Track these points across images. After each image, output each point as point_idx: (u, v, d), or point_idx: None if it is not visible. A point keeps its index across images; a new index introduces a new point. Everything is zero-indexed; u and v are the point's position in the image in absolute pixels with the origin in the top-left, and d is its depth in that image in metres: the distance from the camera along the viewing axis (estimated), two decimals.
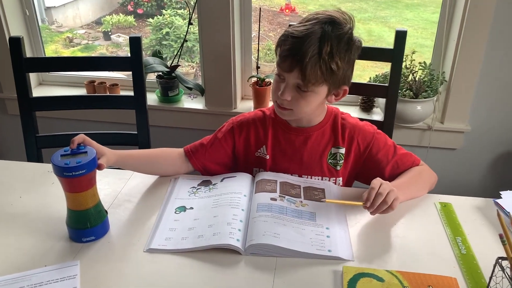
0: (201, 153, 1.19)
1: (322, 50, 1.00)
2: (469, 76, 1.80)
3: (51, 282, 0.85)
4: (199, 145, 1.20)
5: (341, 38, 1.02)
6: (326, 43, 1.00)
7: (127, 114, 1.53)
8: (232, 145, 1.20)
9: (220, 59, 1.92)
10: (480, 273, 0.88)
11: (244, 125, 1.20)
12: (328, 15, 1.04)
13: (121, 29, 2.77)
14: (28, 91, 1.42)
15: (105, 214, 0.99)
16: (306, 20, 1.05)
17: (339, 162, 1.17)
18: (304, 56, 1.00)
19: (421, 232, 1.00)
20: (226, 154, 1.20)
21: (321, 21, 1.03)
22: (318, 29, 1.01)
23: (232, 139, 1.19)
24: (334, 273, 0.88)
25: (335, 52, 1.01)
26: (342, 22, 1.04)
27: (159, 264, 0.90)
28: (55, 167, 0.89)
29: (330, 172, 1.17)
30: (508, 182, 2.01)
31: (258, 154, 1.19)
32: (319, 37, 1.01)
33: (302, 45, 1.00)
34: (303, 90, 1.05)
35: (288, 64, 1.03)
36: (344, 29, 1.03)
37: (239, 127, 1.19)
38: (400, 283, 0.85)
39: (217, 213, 1.01)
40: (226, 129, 1.21)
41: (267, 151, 1.18)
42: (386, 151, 1.15)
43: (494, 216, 1.04)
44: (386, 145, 1.16)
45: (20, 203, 1.08)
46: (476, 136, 1.93)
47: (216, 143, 1.19)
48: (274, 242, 0.92)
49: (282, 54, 1.04)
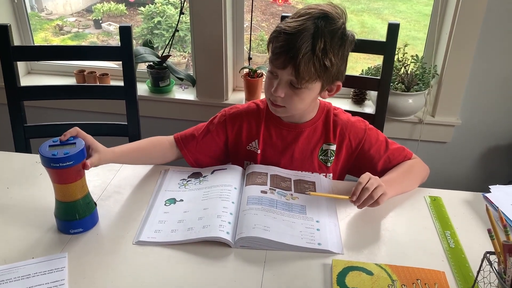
0: (192, 145, 1.18)
1: (315, 47, 0.99)
2: (461, 70, 1.81)
3: (38, 274, 0.84)
4: (190, 137, 1.18)
5: (334, 33, 1.01)
6: (319, 39, 0.99)
7: (117, 104, 1.51)
8: (224, 139, 1.19)
9: (212, 49, 1.90)
10: (468, 267, 0.89)
11: (237, 118, 1.18)
12: (320, 9, 1.02)
13: (112, 18, 2.73)
14: (16, 80, 1.40)
15: (94, 206, 0.98)
16: (298, 15, 1.03)
17: (330, 158, 1.17)
18: (297, 53, 0.98)
19: (411, 226, 1.01)
20: (218, 147, 1.19)
21: (313, 16, 1.01)
22: (311, 24, 1.00)
23: (225, 133, 1.18)
24: (323, 266, 0.88)
25: (329, 48, 1.00)
26: (335, 17, 1.03)
27: (149, 257, 0.90)
28: (42, 158, 0.87)
29: (320, 168, 1.17)
30: (497, 176, 2.03)
31: (249, 148, 1.18)
32: (312, 33, 0.99)
33: (295, 42, 0.99)
34: (297, 87, 1.04)
35: (282, 61, 1.01)
36: (337, 24, 1.02)
37: (232, 120, 1.18)
38: (389, 276, 0.85)
39: (207, 206, 1.01)
40: (218, 121, 1.19)
41: (258, 146, 1.17)
42: (378, 146, 1.15)
43: (483, 210, 1.05)
44: (378, 140, 1.16)
45: (7, 194, 1.07)
46: (466, 130, 1.95)
47: (208, 136, 1.18)
48: (264, 235, 0.91)
49: (275, 51, 1.03)
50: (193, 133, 1.19)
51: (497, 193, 1.07)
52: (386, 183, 1.02)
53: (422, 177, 1.16)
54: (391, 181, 1.06)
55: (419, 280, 0.85)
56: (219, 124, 1.18)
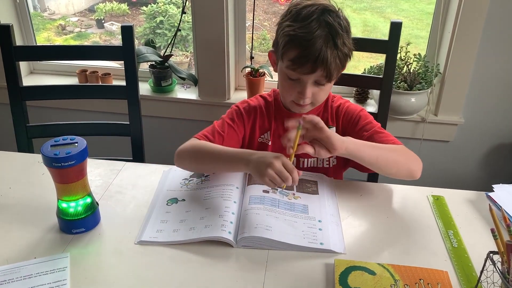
0: (218, 142, 1.14)
1: (337, 43, 1.01)
2: (464, 69, 1.80)
3: (40, 274, 0.84)
4: (217, 134, 1.14)
5: (341, 23, 1.03)
6: (337, 35, 1.01)
7: (119, 104, 1.51)
8: (243, 132, 1.20)
9: (214, 49, 1.90)
10: (471, 267, 0.88)
11: (252, 111, 1.20)
12: (319, 5, 1.03)
13: (114, 17, 2.73)
14: (18, 80, 1.40)
15: (96, 206, 0.98)
16: (301, 17, 1.02)
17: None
18: (325, 56, 0.99)
19: (413, 225, 1.00)
20: (238, 140, 1.19)
21: (319, 15, 1.01)
22: (322, 23, 1.00)
23: (243, 126, 1.19)
24: (325, 266, 0.88)
25: (345, 38, 1.03)
26: (332, 6, 1.04)
27: (150, 257, 0.89)
28: (44, 157, 0.87)
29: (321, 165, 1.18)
30: (500, 175, 2.02)
31: (261, 139, 1.20)
32: (328, 32, 1.00)
33: (318, 46, 0.99)
34: (323, 84, 1.05)
35: (309, 68, 1.01)
36: (339, 13, 1.04)
37: (247, 114, 1.19)
38: (391, 276, 0.85)
39: (209, 205, 1.01)
40: (236, 115, 1.19)
41: (270, 137, 1.20)
42: (366, 126, 1.15)
43: (486, 210, 1.04)
44: (369, 123, 1.16)
45: (10, 194, 1.07)
46: (469, 129, 1.94)
47: (230, 130, 1.17)
48: (266, 235, 0.91)
49: (297, 60, 1.01)
50: (217, 130, 1.15)
51: (500, 192, 1.06)
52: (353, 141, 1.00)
53: (407, 163, 1.08)
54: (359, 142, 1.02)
55: (422, 280, 0.84)
56: (238, 118, 1.18)
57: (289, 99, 1.11)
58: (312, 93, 1.06)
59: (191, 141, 1.12)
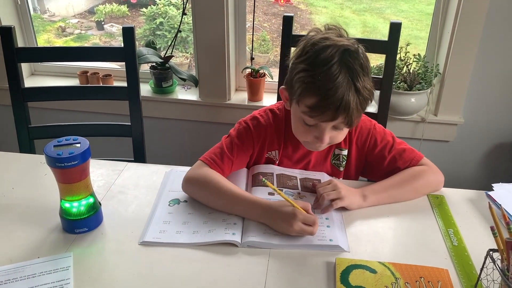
0: (227, 166, 1.10)
1: (358, 89, 0.95)
2: (463, 69, 1.81)
3: (44, 274, 0.85)
4: (226, 158, 1.09)
5: (362, 63, 0.97)
6: (358, 80, 0.95)
7: (120, 105, 1.52)
8: (252, 150, 1.14)
9: (214, 50, 1.91)
10: (472, 265, 0.89)
11: (262, 131, 1.13)
12: (340, 45, 0.95)
13: (114, 19, 2.74)
14: (20, 81, 1.41)
15: (99, 206, 0.99)
16: (320, 61, 0.95)
17: (342, 163, 1.17)
18: (347, 104, 0.94)
19: (414, 224, 1.01)
20: (246, 160, 1.15)
21: (339, 59, 0.94)
22: (344, 68, 0.94)
23: (252, 144, 1.13)
24: (327, 264, 0.88)
25: (366, 81, 0.97)
26: (353, 46, 0.96)
27: (153, 256, 0.90)
28: (47, 157, 0.88)
29: (333, 172, 1.18)
30: (500, 174, 2.02)
31: (268, 155, 1.17)
32: (350, 78, 0.94)
33: (341, 95, 0.93)
34: (342, 128, 1.01)
35: (330, 116, 0.96)
36: (359, 53, 0.97)
37: (257, 131, 1.13)
38: (392, 274, 0.85)
39: (212, 209, 1.02)
40: (245, 133, 1.12)
41: (278, 156, 1.16)
42: (383, 146, 1.13)
43: (486, 208, 1.05)
44: (383, 139, 1.14)
45: (13, 194, 1.08)
46: (469, 129, 1.95)
47: (239, 151, 1.11)
48: (275, 241, 0.92)
49: (317, 108, 0.95)
50: (224, 153, 1.09)
51: (500, 191, 1.07)
52: (372, 191, 1.04)
53: (429, 186, 1.11)
54: (378, 190, 1.06)
55: (423, 278, 0.85)
56: (247, 137, 1.12)
57: (303, 140, 1.07)
58: (330, 137, 1.02)
59: (200, 168, 1.06)
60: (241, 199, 0.99)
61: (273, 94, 2.04)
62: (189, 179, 1.06)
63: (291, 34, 1.48)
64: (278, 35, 2.40)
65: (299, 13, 2.52)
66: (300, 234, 0.93)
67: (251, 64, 1.98)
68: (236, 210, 1.00)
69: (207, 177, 1.04)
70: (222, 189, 1.01)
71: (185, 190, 1.07)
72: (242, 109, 2.00)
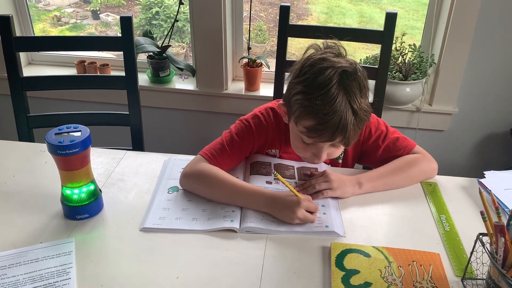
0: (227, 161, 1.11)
1: (356, 111, 0.95)
2: (458, 59, 1.83)
3: (47, 258, 0.87)
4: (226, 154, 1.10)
5: (360, 84, 0.97)
6: (355, 102, 0.95)
7: (117, 94, 1.53)
8: (251, 148, 1.16)
9: (212, 39, 1.92)
10: (462, 249, 0.92)
11: (263, 130, 1.14)
12: (338, 67, 0.95)
13: (110, 8, 2.73)
14: (19, 70, 1.42)
15: (99, 193, 1.01)
16: (318, 84, 0.95)
17: (340, 155, 1.19)
18: (345, 126, 0.94)
19: (407, 210, 1.04)
20: (244, 155, 1.16)
21: (337, 82, 0.94)
22: (342, 91, 0.94)
23: (252, 142, 1.14)
24: (322, 249, 0.91)
25: (363, 103, 0.97)
26: (351, 67, 0.96)
27: (153, 241, 0.92)
28: (49, 145, 0.90)
29: (333, 164, 1.20)
30: (493, 163, 2.06)
31: (268, 152, 1.19)
32: (347, 100, 0.94)
33: (339, 118, 0.93)
34: (339, 146, 1.03)
35: (327, 137, 0.97)
36: (357, 72, 0.97)
37: (258, 130, 1.13)
38: (385, 258, 0.88)
39: None
40: (246, 131, 1.13)
41: (278, 154, 1.19)
42: (378, 136, 1.15)
43: (477, 195, 1.07)
44: (377, 129, 1.16)
45: (14, 182, 1.09)
46: (463, 118, 1.97)
47: (238, 148, 1.12)
48: (272, 227, 0.95)
49: (314, 130, 0.96)
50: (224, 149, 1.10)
51: (492, 178, 1.10)
52: (367, 178, 1.07)
53: (421, 175, 1.13)
54: (374, 177, 1.09)
55: (415, 261, 0.88)
56: (248, 135, 1.13)
57: (300, 155, 1.09)
58: (327, 153, 1.04)
59: (198, 163, 1.07)
60: (243, 190, 1.01)
61: (270, 84, 2.05)
62: (187, 174, 1.07)
63: (288, 24, 1.50)
64: (274, 25, 2.41)
65: (296, 3, 2.52)
66: (302, 222, 0.96)
67: (248, 54, 1.99)
68: (238, 201, 1.01)
69: (206, 171, 1.05)
70: (223, 182, 1.03)
71: (184, 186, 1.08)
72: (239, 99, 2.01)
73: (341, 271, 0.85)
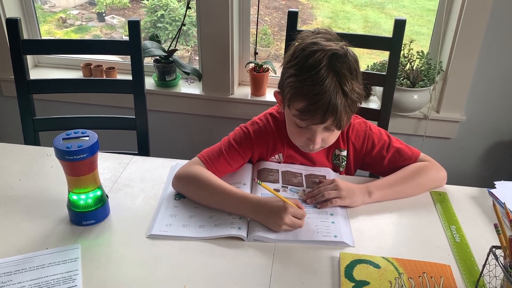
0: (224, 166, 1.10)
1: (346, 91, 0.97)
2: (466, 66, 1.82)
3: (52, 265, 0.86)
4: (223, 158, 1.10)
5: (350, 66, 0.98)
6: (346, 83, 0.97)
7: (124, 98, 1.53)
8: (250, 155, 1.15)
9: (218, 44, 1.91)
10: (474, 261, 0.90)
11: (262, 136, 1.14)
12: (328, 50, 0.97)
13: (115, 11, 2.73)
14: (26, 73, 1.41)
15: (106, 198, 1.00)
16: (308, 66, 0.97)
17: (342, 164, 1.18)
18: (335, 107, 0.96)
19: (417, 220, 1.03)
20: (242, 161, 1.15)
21: (327, 64, 0.96)
22: (331, 72, 0.96)
23: (251, 149, 1.14)
24: (331, 259, 0.90)
25: (354, 84, 0.99)
26: (341, 50, 0.98)
27: (160, 248, 0.91)
28: (56, 150, 0.89)
29: (335, 172, 1.19)
30: (501, 172, 2.04)
31: (272, 159, 1.18)
32: (337, 81, 0.96)
33: (329, 98, 0.95)
34: (333, 130, 1.04)
35: (319, 118, 0.98)
36: (347, 56, 0.99)
37: (257, 137, 1.14)
38: (395, 269, 0.87)
39: None
40: (245, 138, 1.13)
41: (282, 159, 1.18)
42: (381, 146, 1.15)
43: (488, 206, 1.06)
44: (380, 140, 1.15)
45: (20, 186, 1.09)
46: (471, 126, 1.96)
47: (236, 155, 1.12)
48: (281, 237, 0.94)
49: (306, 111, 0.98)
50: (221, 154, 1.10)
51: (502, 188, 1.09)
52: (377, 187, 1.06)
53: (431, 183, 1.12)
54: (383, 186, 1.08)
55: (425, 273, 0.86)
56: (246, 142, 1.13)
57: (298, 143, 1.10)
58: (322, 138, 1.05)
59: (193, 165, 1.07)
60: (231, 195, 1.01)
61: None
62: (179, 176, 1.07)
63: (296, 30, 1.49)
64: (279, 29, 2.40)
65: (300, 7, 2.52)
66: (289, 228, 0.95)
67: (255, 58, 1.98)
68: (226, 207, 1.01)
69: (197, 174, 1.04)
70: (212, 186, 1.02)
71: (175, 187, 1.07)
72: (245, 104, 2.00)
73: (350, 282, 0.84)
